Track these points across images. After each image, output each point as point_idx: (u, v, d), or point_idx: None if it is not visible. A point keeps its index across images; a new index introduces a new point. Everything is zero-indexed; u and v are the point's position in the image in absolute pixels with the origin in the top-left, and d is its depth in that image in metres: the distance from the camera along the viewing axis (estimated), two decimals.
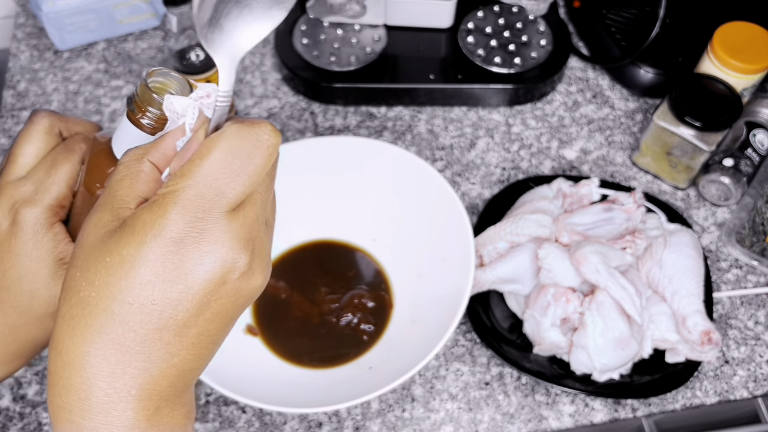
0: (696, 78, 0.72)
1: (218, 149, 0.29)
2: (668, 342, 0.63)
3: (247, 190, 0.29)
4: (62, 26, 0.84)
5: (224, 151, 0.29)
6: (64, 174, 0.39)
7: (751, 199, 0.73)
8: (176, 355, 0.29)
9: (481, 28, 0.84)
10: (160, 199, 0.28)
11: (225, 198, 0.29)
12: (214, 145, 0.29)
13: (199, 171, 0.28)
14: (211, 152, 0.29)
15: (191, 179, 0.28)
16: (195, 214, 0.28)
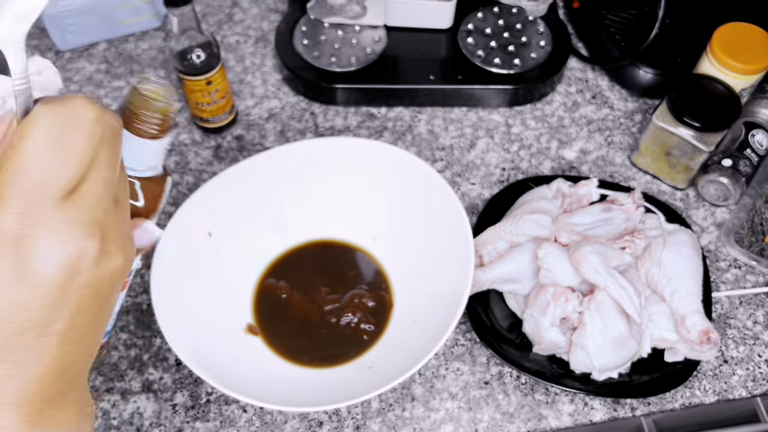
0: (695, 78, 0.72)
1: (32, 136, 0.26)
2: (667, 341, 0.63)
3: (76, 173, 0.27)
4: (63, 27, 0.84)
5: (40, 136, 0.26)
6: None
7: (750, 200, 0.74)
8: (46, 355, 0.28)
9: (481, 29, 0.85)
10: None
11: (53, 186, 0.26)
12: (27, 132, 0.26)
13: (15, 163, 0.26)
14: (25, 140, 0.26)
15: (9, 173, 0.26)
16: (24, 210, 0.26)
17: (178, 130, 0.81)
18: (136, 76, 0.37)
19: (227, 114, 0.78)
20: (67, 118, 0.27)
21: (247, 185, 0.66)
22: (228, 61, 0.87)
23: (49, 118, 0.27)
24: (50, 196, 0.26)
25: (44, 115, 0.27)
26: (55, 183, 0.26)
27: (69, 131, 0.27)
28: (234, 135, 0.80)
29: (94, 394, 0.63)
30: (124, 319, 0.67)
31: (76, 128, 0.27)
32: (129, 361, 0.65)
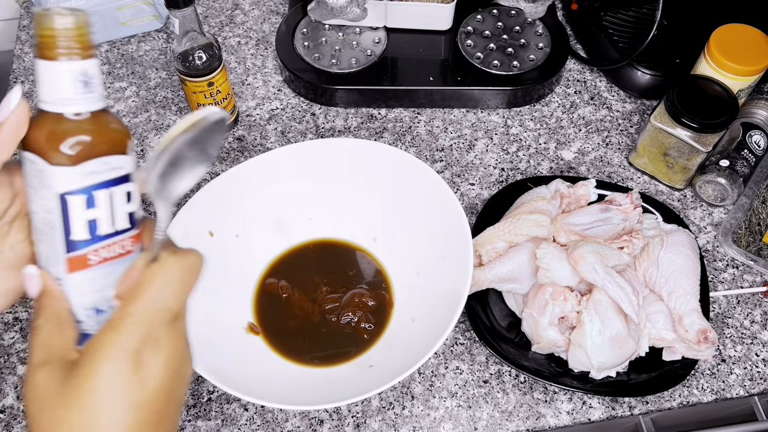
0: (693, 79, 0.72)
1: (161, 276, 0.35)
2: (665, 341, 0.63)
3: (183, 304, 0.36)
4: None
5: (166, 278, 0.35)
6: None
7: (748, 200, 0.74)
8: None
9: (480, 31, 0.85)
10: (120, 321, 0.34)
11: (170, 312, 0.35)
12: (159, 273, 0.35)
13: (148, 295, 0.35)
14: (156, 279, 0.35)
15: (142, 301, 0.35)
16: (150, 327, 0.34)
17: None
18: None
19: (228, 115, 0.79)
20: (186, 266, 0.36)
21: (248, 185, 0.67)
22: (229, 62, 0.88)
23: (176, 266, 0.36)
24: (166, 320, 0.35)
25: (173, 262, 0.36)
26: (171, 310, 0.35)
27: (186, 276, 0.36)
28: (235, 136, 0.81)
29: None
30: None
31: (191, 275, 0.37)
32: None
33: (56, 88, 0.35)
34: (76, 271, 0.37)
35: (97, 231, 0.37)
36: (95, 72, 0.36)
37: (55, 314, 0.36)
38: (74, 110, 0.35)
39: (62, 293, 0.37)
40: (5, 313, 0.68)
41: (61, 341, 0.35)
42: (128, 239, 0.38)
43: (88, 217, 0.36)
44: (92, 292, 0.38)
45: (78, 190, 0.36)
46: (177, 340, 0.36)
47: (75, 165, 0.35)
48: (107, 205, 0.37)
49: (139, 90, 0.85)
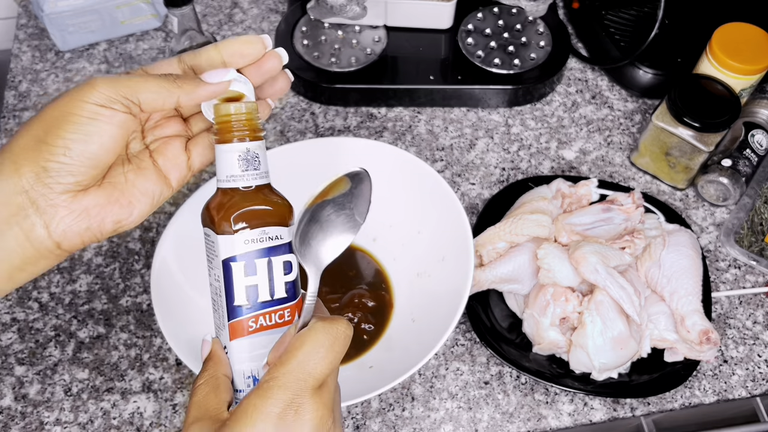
0: (695, 79, 0.72)
1: (309, 343, 0.36)
2: (667, 341, 0.63)
3: (329, 372, 0.37)
4: (64, 27, 0.84)
5: (313, 344, 0.36)
6: None
7: (750, 200, 0.74)
8: None
9: (481, 29, 0.85)
10: (266, 385, 0.35)
11: (314, 379, 0.36)
12: (306, 339, 0.37)
13: (294, 360, 0.36)
14: (303, 345, 0.36)
15: (289, 366, 0.36)
16: (294, 393, 0.35)
17: None
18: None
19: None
20: (333, 333, 0.37)
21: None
22: None
23: (322, 332, 0.37)
24: (311, 386, 0.36)
25: (319, 329, 0.37)
26: (317, 377, 0.36)
27: (332, 343, 0.37)
28: None
29: (94, 394, 0.63)
30: (124, 319, 0.67)
31: (337, 341, 0.37)
32: (129, 361, 0.65)
33: (226, 166, 0.40)
34: (237, 337, 0.40)
35: (256, 298, 0.40)
36: (260, 152, 0.40)
37: (214, 377, 0.39)
38: (239, 185, 0.40)
39: (225, 359, 0.40)
40: (3, 313, 0.67)
41: (215, 402, 0.38)
42: (286, 309, 0.41)
43: (248, 283, 0.39)
44: (250, 360, 0.40)
45: (238, 257, 0.39)
46: (321, 410, 0.36)
47: (236, 233, 0.39)
48: (266, 273, 0.40)
49: None
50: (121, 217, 0.40)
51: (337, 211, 0.40)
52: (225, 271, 0.39)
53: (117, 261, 0.71)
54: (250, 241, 0.39)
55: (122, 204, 0.40)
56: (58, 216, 0.38)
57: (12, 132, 0.80)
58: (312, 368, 0.36)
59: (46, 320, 0.67)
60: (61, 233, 0.38)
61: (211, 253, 0.41)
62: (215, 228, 0.40)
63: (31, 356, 0.65)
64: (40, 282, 0.69)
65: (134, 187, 0.41)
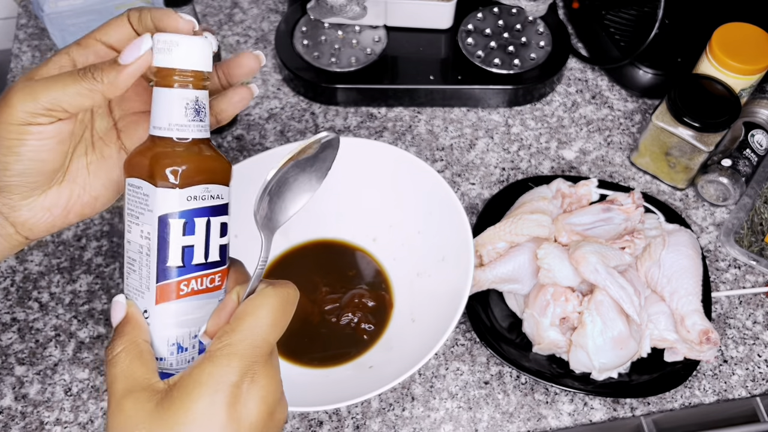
0: (694, 79, 0.72)
1: (261, 307, 0.35)
2: (667, 341, 0.63)
3: (279, 336, 0.35)
4: (64, 27, 0.84)
5: (266, 308, 0.35)
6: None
7: (750, 200, 0.74)
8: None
9: (481, 29, 0.85)
10: (219, 353, 0.33)
11: (269, 344, 0.34)
12: (258, 303, 0.35)
13: (249, 326, 0.34)
14: (256, 310, 0.34)
15: (243, 333, 0.34)
16: (250, 360, 0.33)
17: None
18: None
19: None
20: (284, 297, 0.35)
21: (247, 185, 0.66)
22: None
23: (275, 297, 0.35)
24: (266, 352, 0.34)
25: (272, 294, 0.35)
26: (271, 343, 0.34)
27: (284, 308, 0.35)
28: (234, 135, 0.81)
29: (94, 394, 0.63)
30: None
31: (288, 306, 0.36)
32: None
33: (169, 113, 0.36)
34: (164, 301, 0.37)
35: (191, 260, 0.37)
36: (205, 102, 0.37)
37: (134, 344, 0.35)
38: (183, 135, 0.37)
39: (143, 324, 0.37)
40: (3, 313, 0.67)
41: (143, 371, 0.34)
42: (218, 274, 0.38)
43: (185, 243, 0.37)
44: (177, 326, 0.37)
45: (179, 214, 0.36)
46: (273, 378, 0.35)
47: (179, 188, 0.36)
48: (203, 233, 0.37)
49: None
50: (85, 210, 0.40)
51: (297, 174, 0.37)
52: (160, 228, 0.36)
53: (117, 261, 0.71)
54: (193, 197, 0.36)
55: (84, 200, 0.40)
56: (21, 218, 0.38)
57: None
58: (267, 334, 0.34)
59: (46, 320, 0.67)
60: (28, 230, 0.39)
61: (139, 206, 0.37)
62: (153, 180, 0.36)
63: (32, 356, 0.65)
64: (41, 282, 0.69)
65: (97, 179, 0.40)
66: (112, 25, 0.39)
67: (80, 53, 0.38)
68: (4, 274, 0.70)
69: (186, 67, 0.36)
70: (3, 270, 0.70)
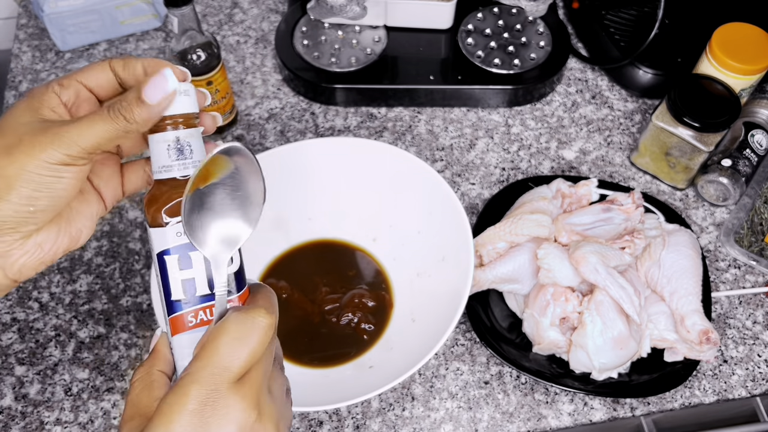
0: (694, 79, 0.72)
1: (221, 336, 0.35)
2: (667, 341, 0.63)
3: (247, 364, 0.35)
4: (64, 27, 0.84)
5: (225, 337, 0.35)
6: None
7: (750, 200, 0.74)
8: None
9: (481, 30, 0.85)
10: (181, 382, 0.34)
11: (230, 372, 0.34)
12: (219, 332, 0.35)
13: (208, 354, 0.34)
14: (216, 338, 0.35)
15: (203, 361, 0.34)
16: (209, 387, 0.34)
17: None
18: None
19: (228, 114, 0.78)
20: (248, 324, 0.35)
21: None
22: (228, 61, 0.87)
23: (237, 322, 0.35)
24: (228, 379, 0.34)
25: (234, 320, 0.35)
26: (234, 371, 0.34)
27: (248, 334, 0.35)
28: (234, 135, 0.81)
29: (94, 394, 0.63)
30: (125, 319, 0.67)
31: (254, 332, 0.35)
32: (129, 360, 0.65)
33: (157, 156, 0.38)
34: (178, 333, 0.38)
35: (194, 292, 0.38)
36: (192, 140, 0.38)
37: (148, 374, 0.38)
38: (169, 176, 0.38)
39: (164, 355, 0.39)
40: (3, 313, 0.67)
41: (147, 400, 0.36)
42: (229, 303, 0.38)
43: (184, 277, 0.37)
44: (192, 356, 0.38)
45: (171, 250, 0.37)
46: (241, 403, 0.34)
47: (167, 226, 0.37)
48: (202, 266, 0.38)
49: None
50: (71, 245, 0.41)
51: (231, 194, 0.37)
52: (160, 265, 0.38)
53: (117, 261, 0.71)
54: (182, 233, 0.37)
55: (72, 234, 0.41)
56: (12, 259, 0.38)
57: None
58: (228, 362, 0.34)
59: (46, 320, 0.67)
60: (17, 272, 0.39)
61: (150, 247, 0.39)
62: (149, 221, 0.38)
63: (32, 356, 0.65)
64: (41, 282, 0.69)
65: (80, 214, 0.41)
66: (94, 69, 0.40)
67: (64, 92, 0.39)
68: None
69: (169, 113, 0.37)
70: None
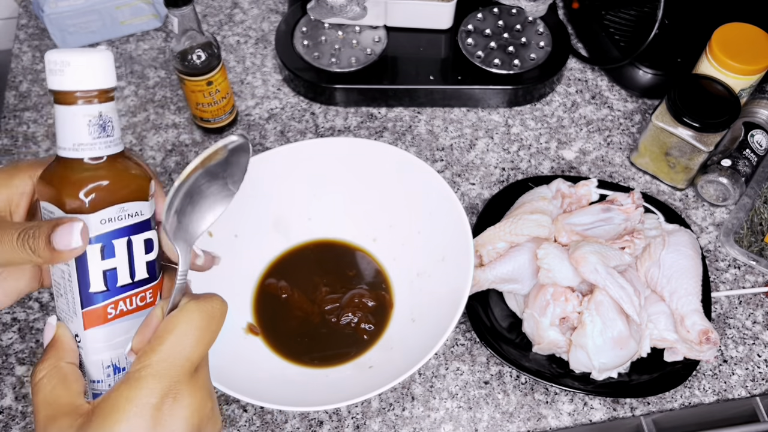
0: (694, 79, 0.72)
1: (182, 324, 0.34)
2: (667, 341, 0.63)
3: (205, 353, 0.35)
4: (64, 27, 0.84)
5: (187, 325, 0.34)
6: None
7: (750, 200, 0.74)
8: None
9: (481, 30, 0.85)
10: (137, 374, 0.32)
11: (191, 363, 0.34)
12: (180, 321, 0.34)
13: (168, 345, 0.33)
14: (176, 328, 0.34)
15: (162, 352, 0.33)
16: (171, 380, 0.33)
17: (179, 130, 0.81)
18: None
19: (228, 114, 0.78)
20: (207, 313, 0.34)
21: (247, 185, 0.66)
22: (228, 61, 0.87)
23: (197, 313, 0.34)
24: (188, 370, 0.33)
25: (195, 309, 0.34)
26: (193, 360, 0.34)
27: (208, 323, 0.34)
28: None
29: None
30: None
31: (212, 321, 0.35)
32: None
33: (73, 132, 0.34)
34: (93, 326, 0.36)
35: (115, 282, 0.35)
36: (113, 115, 0.35)
37: (56, 368, 0.35)
38: (90, 155, 0.34)
39: (69, 346, 0.36)
40: (3, 313, 0.67)
41: (67, 396, 0.34)
42: (148, 291, 0.37)
43: (106, 267, 0.35)
44: (110, 348, 0.36)
45: (94, 239, 0.34)
46: (199, 394, 0.34)
47: (90, 213, 0.34)
48: (125, 254, 0.35)
49: (138, 89, 0.84)
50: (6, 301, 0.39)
51: (209, 181, 0.35)
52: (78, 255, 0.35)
53: None
54: (108, 220, 0.34)
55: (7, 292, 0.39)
56: None
57: (12, 132, 0.81)
58: (189, 352, 0.33)
59: (46, 320, 0.67)
60: None
61: None
62: (62, 205, 0.34)
63: (32, 356, 0.65)
64: None
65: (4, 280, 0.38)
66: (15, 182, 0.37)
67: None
68: None
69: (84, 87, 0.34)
70: None
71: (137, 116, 0.82)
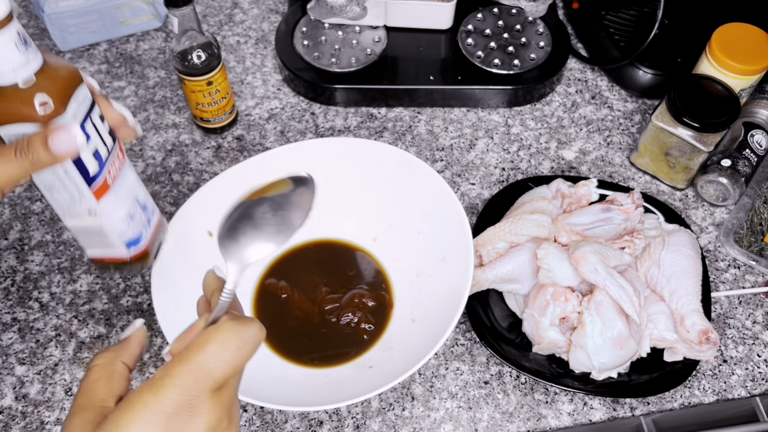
0: (694, 79, 0.72)
1: (214, 342, 0.34)
2: (666, 341, 0.63)
3: (231, 374, 0.35)
4: (64, 27, 0.84)
5: (218, 344, 0.34)
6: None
7: (749, 200, 0.74)
8: None
9: (481, 30, 0.85)
10: (161, 382, 0.33)
11: (214, 380, 0.34)
12: (211, 337, 0.35)
13: (195, 359, 0.34)
14: (208, 344, 0.34)
15: (188, 365, 0.34)
16: (189, 394, 0.33)
17: (179, 130, 0.81)
18: None
19: (228, 114, 0.78)
20: (241, 336, 0.35)
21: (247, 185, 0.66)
22: (228, 61, 0.87)
23: (230, 332, 0.35)
24: (209, 387, 0.34)
25: (227, 329, 0.35)
26: (217, 379, 0.34)
27: (239, 346, 0.35)
28: (234, 135, 0.81)
29: None
30: (125, 319, 0.67)
31: (244, 346, 0.35)
32: None
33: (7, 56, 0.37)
34: (102, 196, 0.43)
35: (101, 158, 0.42)
36: (21, 29, 0.38)
37: (110, 363, 0.37)
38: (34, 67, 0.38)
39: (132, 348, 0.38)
40: (3, 313, 0.67)
41: (104, 392, 0.36)
42: (117, 150, 0.44)
43: (91, 149, 0.41)
44: (122, 205, 0.44)
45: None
46: (217, 412, 0.34)
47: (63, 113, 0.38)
48: (95, 132, 0.42)
49: (138, 89, 0.84)
50: None
51: (273, 211, 0.38)
52: None
53: None
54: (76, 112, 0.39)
55: None
56: None
57: None
58: (213, 369, 0.34)
59: (46, 320, 0.67)
60: None
61: None
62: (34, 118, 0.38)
63: (32, 356, 0.65)
64: (41, 282, 0.70)
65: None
66: None
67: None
68: (5, 274, 0.70)
69: None
70: (3, 270, 0.70)
71: (137, 116, 0.82)
